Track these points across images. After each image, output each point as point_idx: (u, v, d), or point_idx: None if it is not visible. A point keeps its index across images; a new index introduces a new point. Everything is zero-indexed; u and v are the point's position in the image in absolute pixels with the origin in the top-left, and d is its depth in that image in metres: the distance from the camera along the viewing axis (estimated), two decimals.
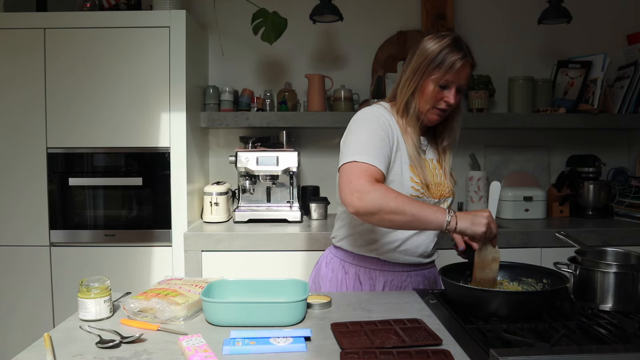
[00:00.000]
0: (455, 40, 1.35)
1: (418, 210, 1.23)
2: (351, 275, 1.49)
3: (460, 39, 1.37)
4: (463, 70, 1.34)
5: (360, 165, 1.28)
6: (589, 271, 1.24)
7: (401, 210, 1.22)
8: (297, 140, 2.79)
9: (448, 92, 1.36)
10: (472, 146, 2.80)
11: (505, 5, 2.83)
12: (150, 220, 2.30)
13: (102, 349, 1.03)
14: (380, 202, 1.22)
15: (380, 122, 1.36)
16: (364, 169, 1.27)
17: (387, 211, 1.22)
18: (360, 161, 1.28)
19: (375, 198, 1.22)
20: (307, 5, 2.48)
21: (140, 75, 2.26)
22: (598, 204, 2.64)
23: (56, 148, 2.28)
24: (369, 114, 1.39)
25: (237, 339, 1.04)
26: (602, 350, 0.95)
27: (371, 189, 1.23)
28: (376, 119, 1.37)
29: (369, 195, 1.22)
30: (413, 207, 1.23)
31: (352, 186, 1.25)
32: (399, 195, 1.24)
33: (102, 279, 1.22)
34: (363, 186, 1.24)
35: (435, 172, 1.46)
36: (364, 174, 1.26)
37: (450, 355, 0.96)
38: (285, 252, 2.19)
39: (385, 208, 1.22)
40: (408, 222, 1.24)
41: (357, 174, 1.26)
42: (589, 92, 2.62)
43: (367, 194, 1.22)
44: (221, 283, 1.30)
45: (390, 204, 1.21)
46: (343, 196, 1.27)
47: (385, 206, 1.21)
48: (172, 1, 2.34)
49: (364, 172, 1.26)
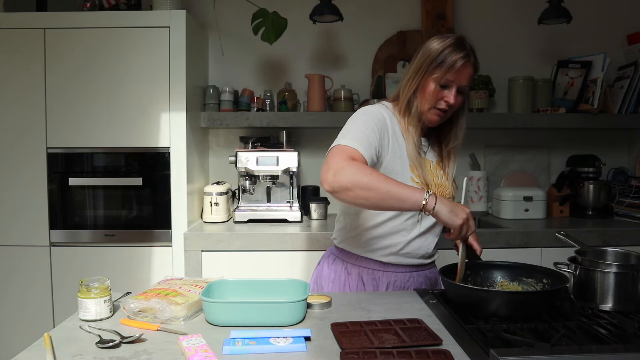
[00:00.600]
0: (459, 40, 1.36)
1: (393, 187, 1.20)
2: (354, 276, 1.49)
3: (464, 39, 1.37)
4: (464, 70, 1.34)
5: (341, 147, 1.28)
6: (589, 271, 1.24)
7: (375, 186, 1.19)
8: (297, 140, 2.79)
9: (448, 92, 1.36)
10: (472, 146, 2.80)
11: (505, 5, 2.83)
12: (150, 220, 2.30)
13: (102, 349, 1.03)
14: (354, 178, 1.20)
15: (374, 116, 1.37)
16: (342, 149, 1.27)
17: (360, 187, 1.20)
18: (342, 144, 1.29)
19: (349, 173, 1.21)
20: (307, 5, 2.48)
21: (140, 75, 2.26)
22: (598, 204, 2.64)
23: (56, 148, 2.28)
24: (364, 109, 1.41)
25: (237, 339, 1.04)
26: (602, 350, 0.95)
27: (346, 165, 1.22)
28: (370, 113, 1.38)
29: (343, 171, 1.21)
30: (388, 184, 1.21)
31: (329, 164, 1.25)
32: (374, 172, 1.23)
33: (102, 279, 1.22)
34: (338, 163, 1.23)
35: (436, 172, 1.46)
36: (342, 154, 1.26)
37: (450, 355, 0.96)
38: (285, 252, 2.19)
39: (359, 183, 1.20)
40: (382, 200, 1.21)
41: (336, 154, 1.26)
42: (589, 92, 2.62)
43: (341, 170, 1.22)
44: (221, 283, 1.30)
45: (364, 179, 1.20)
46: (321, 176, 1.27)
47: (358, 181, 1.20)
48: (172, 1, 2.34)
49: (341, 152, 1.26)
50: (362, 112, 1.39)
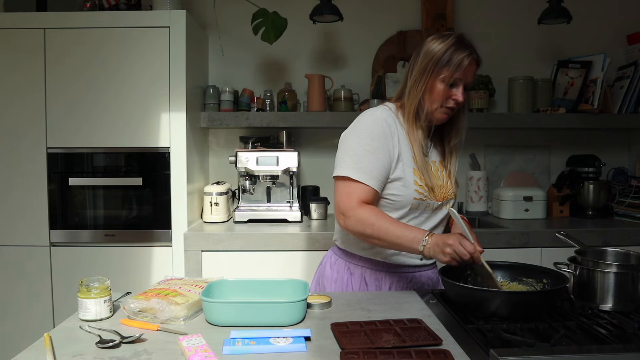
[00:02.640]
0: (460, 38, 1.36)
1: (394, 238, 1.30)
2: (357, 276, 1.48)
3: (464, 36, 1.37)
4: (470, 68, 1.35)
5: (351, 184, 1.35)
6: (589, 271, 1.24)
7: (377, 236, 1.31)
8: (297, 140, 2.79)
9: (456, 90, 1.36)
10: (472, 146, 2.80)
11: (505, 5, 2.83)
12: (150, 220, 2.30)
13: (102, 349, 1.03)
14: (359, 228, 1.33)
15: (381, 131, 1.36)
16: (352, 189, 1.35)
17: (365, 236, 1.34)
18: (353, 178, 1.34)
19: (355, 223, 1.33)
20: (307, 5, 2.48)
21: (140, 75, 2.26)
22: (598, 204, 2.64)
23: (56, 148, 2.28)
24: (369, 119, 1.39)
25: (237, 339, 1.04)
26: (602, 350, 0.95)
27: (352, 214, 1.33)
28: (376, 126, 1.37)
29: (350, 220, 1.33)
30: (388, 234, 1.30)
31: (339, 207, 1.36)
32: (378, 221, 1.31)
33: (102, 279, 1.22)
34: (346, 209, 1.34)
35: (438, 174, 1.46)
36: (351, 196, 1.34)
37: (450, 355, 0.96)
38: (285, 252, 2.19)
39: (363, 233, 1.33)
40: (388, 247, 1.36)
41: (346, 195, 1.35)
42: (589, 92, 2.62)
43: (348, 219, 1.33)
44: (221, 283, 1.30)
45: (367, 230, 1.31)
46: (335, 210, 1.40)
47: (362, 232, 1.33)
48: (172, 1, 2.34)
49: (351, 194, 1.34)
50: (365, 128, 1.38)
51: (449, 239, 1.24)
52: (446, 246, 1.24)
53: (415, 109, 1.40)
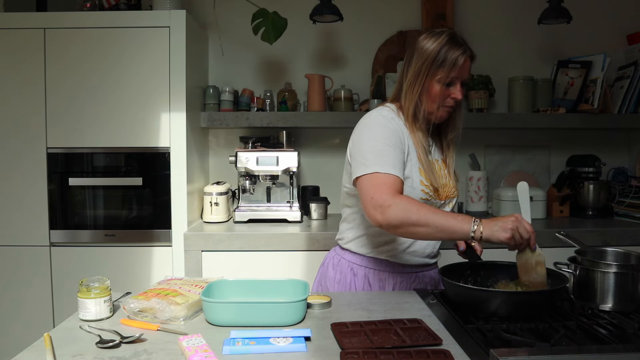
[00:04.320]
0: (452, 35, 1.35)
1: (442, 221, 1.21)
2: (360, 277, 1.48)
3: (455, 33, 1.37)
4: (465, 65, 1.35)
5: (381, 176, 1.28)
6: (589, 271, 1.24)
7: (424, 222, 1.21)
8: (297, 140, 2.79)
9: (454, 88, 1.36)
10: (472, 146, 2.80)
11: (505, 5, 2.83)
12: (150, 220, 2.30)
13: (102, 349, 1.03)
14: (403, 216, 1.22)
15: (393, 127, 1.36)
16: (383, 180, 1.27)
17: (409, 224, 1.22)
18: (381, 172, 1.28)
19: (398, 211, 1.22)
20: (307, 5, 2.48)
21: (140, 75, 2.26)
22: (598, 204, 2.64)
23: (56, 148, 2.28)
24: (379, 118, 1.38)
25: (237, 339, 1.04)
26: (602, 350, 0.95)
27: (392, 202, 1.23)
28: (388, 124, 1.36)
29: (390, 209, 1.22)
30: (437, 218, 1.21)
31: (374, 201, 1.25)
32: (422, 207, 1.23)
33: (102, 279, 1.22)
34: (384, 200, 1.24)
35: (441, 173, 1.46)
36: (384, 187, 1.26)
37: (450, 355, 0.96)
38: (285, 252, 2.19)
39: (408, 221, 1.22)
40: (432, 234, 1.23)
41: (378, 188, 1.26)
42: (589, 92, 2.62)
43: (388, 208, 1.23)
44: (221, 283, 1.30)
45: (413, 217, 1.21)
46: (366, 211, 1.28)
47: (407, 219, 1.21)
48: (172, 1, 2.34)
49: (384, 185, 1.26)
50: (380, 123, 1.36)
51: (509, 216, 1.21)
52: (508, 222, 1.19)
53: (413, 110, 1.39)
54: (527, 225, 1.20)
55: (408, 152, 1.38)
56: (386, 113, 1.40)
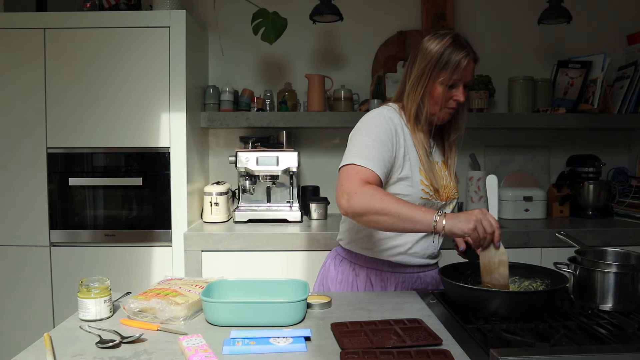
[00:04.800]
0: (456, 38, 1.35)
1: (405, 211, 1.21)
2: (362, 277, 1.48)
3: (459, 35, 1.36)
4: (468, 67, 1.34)
5: (355, 167, 1.29)
6: (589, 271, 1.24)
7: (387, 211, 1.21)
8: (297, 140, 2.79)
9: (457, 90, 1.36)
10: (472, 146, 2.80)
11: (505, 5, 2.83)
12: (150, 220, 2.30)
13: (102, 349, 1.03)
14: (367, 203, 1.22)
15: (387, 126, 1.35)
16: (356, 171, 1.28)
17: (373, 212, 1.22)
18: (357, 164, 1.29)
19: (363, 199, 1.23)
20: (307, 5, 2.48)
21: (140, 75, 2.26)
22: (598, 204, 2.64)
23: (56, 148, 2.28)
24: (377, 117, 1.38)
25: (237, 339, 1.04)
26: (602, 350, 0.95)
27: (359, 190, 1.24)
28: (383, 122, 1.36)
29: (356, 197, 1.23)
30: (399, 208, 1.21)
31: (343, 188, 1.27)
32: (387, 197, 1.24)
33: (102, 279, 1.22)
34: (352, 188, 1.25)
35: (442, 174, 1.46)
36: (356, 176, 1.27)
37: (450, 355, 0.96)
38: (285, 252, 2.19)
39: (371, 209, 1.22)
40: (394, 223, 1.23)
41: (350, 176, 1.28)
42: (589, 92, 2.62)
43: (354, 195, 1.24)
44: (221, 283, 1.30)
45: (376, 205, 1.21)
46: (336, 198, 1.29)
47: (371, 207, 1.22)
48: (172, 1, 2.34)
49: (355, 175, 1.27)
50: (374, 121, 1.37)
51: (474, 210, 1.20)
52: (472, 215, 1.18)
53: (415, 111, 1.39)
54: (492, 220, 1.20)
55: (406, 152, 1.38)
56: (386, 112, 1.40)
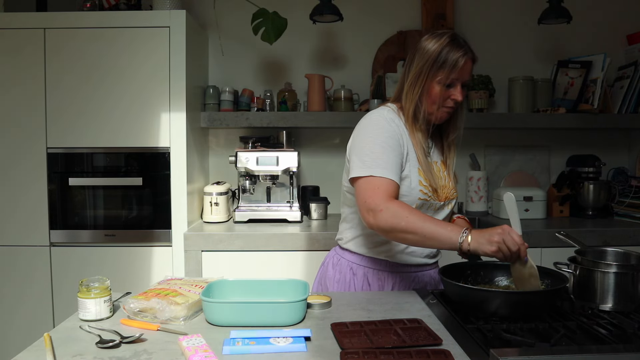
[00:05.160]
0: (454, 37, 1.35)
1: (431, 230, 1.23)
2: (359, 277, 1.48)
3: (457, 35, 1.37)
4: (466, 66, 1.35)
5: (376, 180, 1.30)
6: (589, 271, 1.24)
7: (412, 230, 1.23)
8: (297, 140, 2.79)
9: (454, 89, 1.36)
10: (472, 146, 2.80)
11: (505, 5, 2.83)
12: (150, 220, 2.30)
13: (102, 349, 1.03)
14: (393, 222, 1.24)
15: (391, 129, 1.36)
16: (378, 184, 1.29)
17: (399, 230, 1.25)
18: (376, 175, 1.30)
19: (388, 217, 1.25)
20: (307, 5, 2.48)
21: (140, 75, 2.26)
22: (598, 204, 2.64)
23: (56, 148, 2.28)
24: (380, 119, 1.38)
25: (237, 339, 1.04)
26: (602, 350, 0.95)
27: (384, 207, 1.26)
28: (387, 126, 1.36)
29: (381, 215, 1.25)
30: (425, 227, 1.23)
31: (367, 204, 1.28)
32: (412, 214, 1.25)
33: (102, 279, 1.22)
34: (376, 204, 1.26)
35: (441, 174, 1.46)
36: (378, 191, 1.28)
37: (450, 355, 0.96)
38: (285, 252, 2.19)
39: (397, 227, 1.24)
40: (420, 241, 1.26)
41: (372, 191, 1.29)
42: (589, 92, 2.62)
43: (380, 213, 1.26)
44: (221, 283, 1.30)
45: (402, 223, 1.24)
46: (360, 214, 1.32)
47: (396, 225, 1.24)
48: (172, 1, 2.34)
49: (378, 189, 1.29)
50: (377, 126, 1.37)
51: (497, 228, 1.21)
52: (494, 234, 1.19)
53: (413, 111, 1.39)
54: (516, 237, 1.20)
55: (407, 152, 1.38)
56: (386, 114, 1.40)
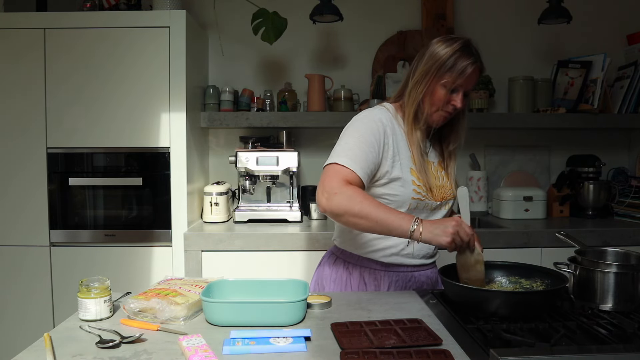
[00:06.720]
0: (466, 44, 1.35)
1: (382, 216, 1.24)
2: (355, 276, 1.48)
3: (470, 43, 1.37)
4: (473, 75, 1.35)
5: (337, 167, 1.30)
6: (589, 271, 1.24)
7: (365, 215, 1.24)
8: (297, 140, 2.79)
9: (456, 95, 1.37)
10: (472, 146, 2.80)
11: (505, 5, 2.83)
12: (150, 220, 2.30)
13: (102, 349, 1.03)
14: (345, 205, 1.25)
15: (374, 126, 1.36)
16: (339, 170, 1.30)
17: (351, 214, 1.25)
18: (340, 163, 1.30)
19: (342, 200, 1.25)
20: (307, 5, 2.48)
21: (140, 75, 2.26)
22: (598, 204, 2.64)
23: (56, 148, 2.28)
24: (365, 118, 1.39)
25: (237, 339, 1.04)
26: (602, 350, 0.95)
27: (339, 190, 1.26)
28: (370, 123, 1.36)
29: (335, 197, 1.26)
30: (377, 213, 1.24)
31: (323, 186, 1.29)
32: (366, 200, 1.26)
33: (102, 279, 1.22)
34: (332, 187, 1.27)
35: (437, 174, 1.45)
36: (337, 176, 1.29)
37: (450, 355, 0.96)
38: (285, 252, 2.19)
39: (350, 211, 1.25)
40: (372, 227, 1.26)
41: (331, 176, 1.30)
42: (589, 92, 2.62)
43: (334, 196, 1.26)
44: (221, 283, 1.30)
45: (355, 207, 1.24)
46: (316, 196, 1.32)
47: (349, 209, 1.25)
48: (172, 1, 2.34)
49: (337, 174, 1.29)
50: (360, 123, 1.38)
51: (450, 219, 1.23)
52: (449, 226, 1.21)
53: (414, 110, 1.39)
54: (467, 228, 1.24)
55: (396, 152, 1.38)
56: (377, 112, 1.40)
